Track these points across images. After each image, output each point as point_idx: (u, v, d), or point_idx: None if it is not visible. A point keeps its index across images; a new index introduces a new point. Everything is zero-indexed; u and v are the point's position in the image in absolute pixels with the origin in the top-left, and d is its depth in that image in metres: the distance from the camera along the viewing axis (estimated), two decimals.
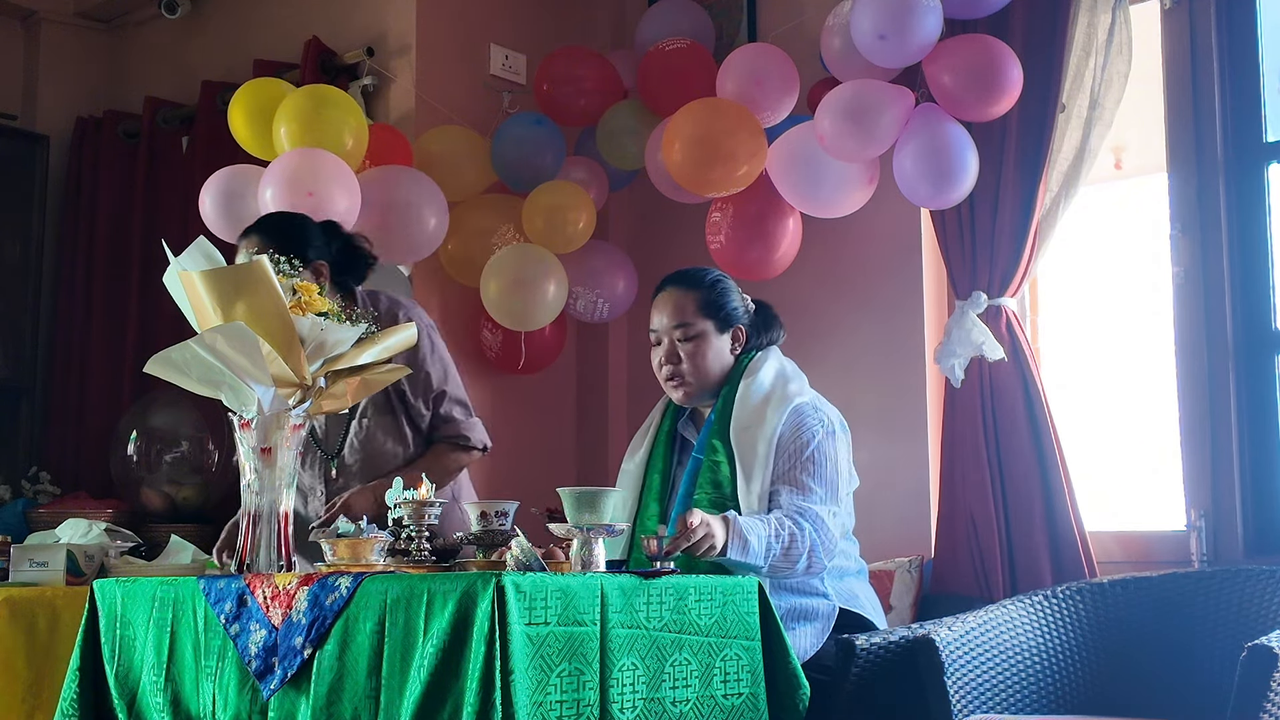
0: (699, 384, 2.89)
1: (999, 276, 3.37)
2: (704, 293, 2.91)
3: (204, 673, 2.40)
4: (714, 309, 2.90)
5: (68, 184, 4.74)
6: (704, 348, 2.88)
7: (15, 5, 4.81)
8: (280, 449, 2.50)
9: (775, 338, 2.99)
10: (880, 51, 3.24)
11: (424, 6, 4.04)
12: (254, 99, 3.61)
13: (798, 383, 2.87)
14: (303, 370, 2.49)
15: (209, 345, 2.43)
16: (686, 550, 2.38)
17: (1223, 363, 3.26)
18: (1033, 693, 2.80)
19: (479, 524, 2.60)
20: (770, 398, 2.81)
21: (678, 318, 2.90)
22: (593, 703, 2.12)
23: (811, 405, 2.82)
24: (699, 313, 2.89)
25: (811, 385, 2.92)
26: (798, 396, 2.81)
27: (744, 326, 2.93)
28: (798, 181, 3.45)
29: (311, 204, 3.30)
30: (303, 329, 2.49)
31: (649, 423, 3.05)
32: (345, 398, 2.62)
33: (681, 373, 2.90)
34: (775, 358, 2.93)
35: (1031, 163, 3.34)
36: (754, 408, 2.80)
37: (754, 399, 2.82)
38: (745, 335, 2.93)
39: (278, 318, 2.46)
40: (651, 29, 3.96)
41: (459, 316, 4.01)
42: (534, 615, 2.06)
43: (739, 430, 2.80)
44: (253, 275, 2.47)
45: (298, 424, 2.51)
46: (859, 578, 2.94)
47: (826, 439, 2.77)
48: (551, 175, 3.86)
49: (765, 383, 2.84)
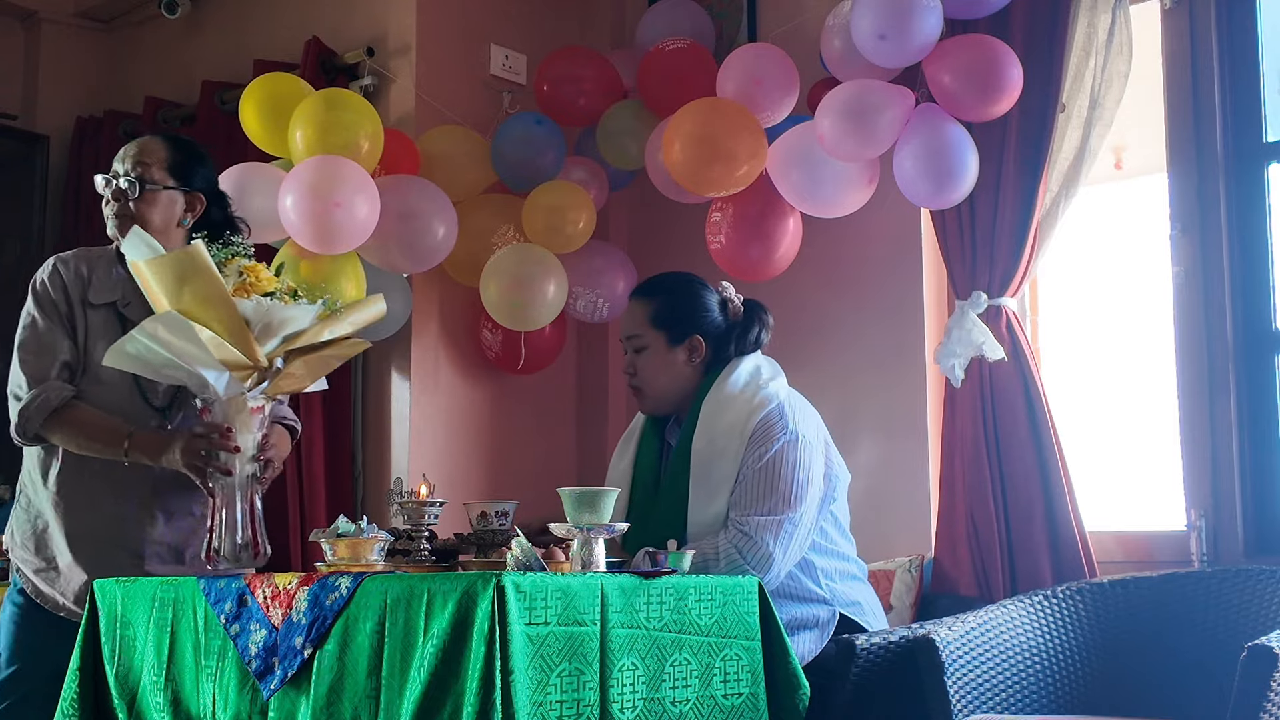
0: (653, 396, 2.86)
1: (999, 276, 3.37)
2: (658, 304, 2.86)
3: (204, 673, 2.40)
4: (666, 321, 2.84)
5: (68, 184, 4.74)
6: (653, 361, 2.84)
7: (15, 5, 4.81)
8: (240, 432, 2.51)
9: (755, 342, 2.90)
10: (880, 51, 3.24)
11: (424, 6, 4.04)
12: (265, 95, 3.61)
13: (772, 385, 2.79)
14: (253, 352, 2.48)
15: (151, 334, 2.43)
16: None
17: (1223, 363, 3.25)
18: (1033, 693, 2.80)
19: (479, 524, 2.60)
20: (738, 407, 2.74)
21: (629, 329, 2.88)
22: (593, 703, 2.12)
23: (779, 409, 2.73)
24: (649, 325, 2.85)
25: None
26: (768, 403, 2.73)
27: (705, 337, 2.85)
28: (798, 181, 3.45)
29: (339, 214, 3.32)
30: (247, 311, 2.48)
31: (633, 426, 3.03)
32: (305, 377, 2.60)
33: (637, 385, 2.88)
34: (750, 361, 2.85)
35: (1031, 163, 3.34)
36: (720, 420, 2.74)
37: (721, 411, 2.75)
38: (706, 347, 2.85)
39: (221, 303, 2.46)
40: (651, 29, 3.96)
41: (459, 316, 4.01)
42: (534, 615, 2.06)
43: (701, 445, 2.75)
44: (192, 262, 2.47)
45: (256, 406, 2.51)
46: (860, 581, 2.92)
47: (787, 448, 2.68)
48: (551, 175, 3.86)
49: (734, 392, 2.78)
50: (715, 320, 2.88)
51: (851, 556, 2.92)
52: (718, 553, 2.63)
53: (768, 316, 2.93)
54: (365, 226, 3.42)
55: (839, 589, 2.82)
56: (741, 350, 2.87)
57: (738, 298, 2.94)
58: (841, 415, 3.72)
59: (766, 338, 2.92)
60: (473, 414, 4.05)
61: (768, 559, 2.62)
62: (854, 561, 2.92)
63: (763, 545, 2.62)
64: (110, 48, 4.99)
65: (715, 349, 2.86)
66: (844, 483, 2.90)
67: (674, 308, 2.86)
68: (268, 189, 3.46)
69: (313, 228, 3.36)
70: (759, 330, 2.90)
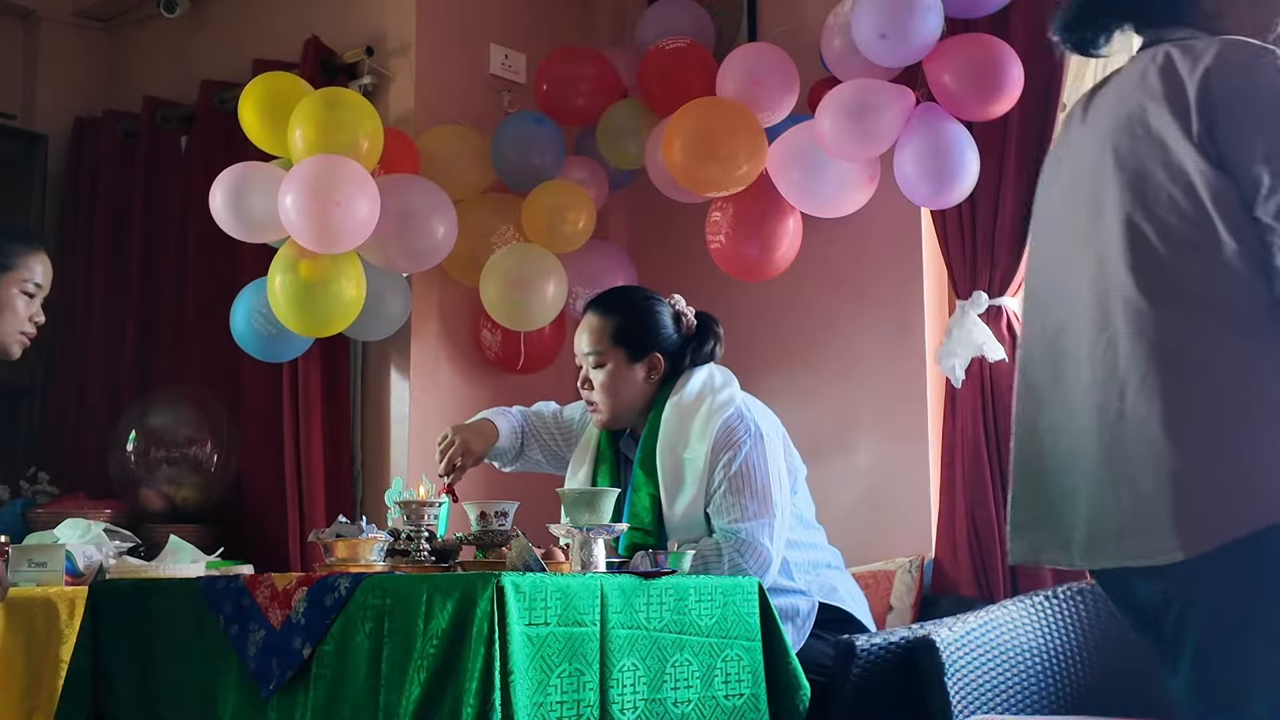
0: (611, 412, 2.86)
1: (1000, 276, 3.37)
2: (619, 320, 2.86)
3: (203, 673, 2.40)
4: (627, 338, 2.85)
5: (66, 183, 4.73)
6: (614, 377, 2.84)
7: (14, 4, 4.80)
8: None
9: (709, 355, 2.91)
10: (881, 51, 3.24)
11: (423, 6, 4.04)
12: (265, 94, 3.60)
13: (726, 391, 2.81)
14: None
15: None
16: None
17: None
18: (1033, 693, 2.79)
19: (479, 524, 2.60)
20: (696, 415, 2.76)
21: (590, 344, 2.87)
22: (593, 703, 2.11)
23: (738, 413, 2.75)
24: (610, 341, 2.85)
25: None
26: (725, 409, 2.75)
27: (663, 354, 2.86)
28: (798, 181, 3.45)
29: (339, 214, 3.31)
30: None
31: (585, 439, 3.01)
32: None
33: (594, 400, 2.88)
34: (703, 371, 2.87)
35: (1032, 162, 3.33)
36: (681, 431, 2.76)
37: (681, 422, 2.77)
38: (664, 364, 2.86)
39: None
40: (651, 28, 3.96)
41: (459, 316, 4.01)
42: (534, 616, 2.05)
43: (664, 454, 2.76)
44: None
45: None
46: (834, 568, 2.94)
47: (754, 449, 2.71)
48: (551, 175, 3.86)
49: (690, 401, 2.79)
50: (671, 336, 2.89)
51: (821, 545, 2.94)
52: (719, 552, 2.64)
53: (719, 329, 2.95)
54: (365, 226, 3.41)
55: (813, 579, 2.84)
56: (695, 363, 2.89)
57: (689, 311, 2.94)
58: (841, 415, 3.72)
59: (720, 350, 2.94)
60: (472, 414, 4.03)
61: (768, 560, 2.65)
62: (825, 549, 2.94)
63: (762, 548, 2.64)
64: (109, 47, 4.99)
65: (671, 364, 2.88)
66: (802, 475, 2.94)
67: (635, 325, 2.87)
68: (267, 188, 3.45)
69: (312, 227, 3.35)
70: (713, 344, 2.92)
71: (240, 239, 3.61)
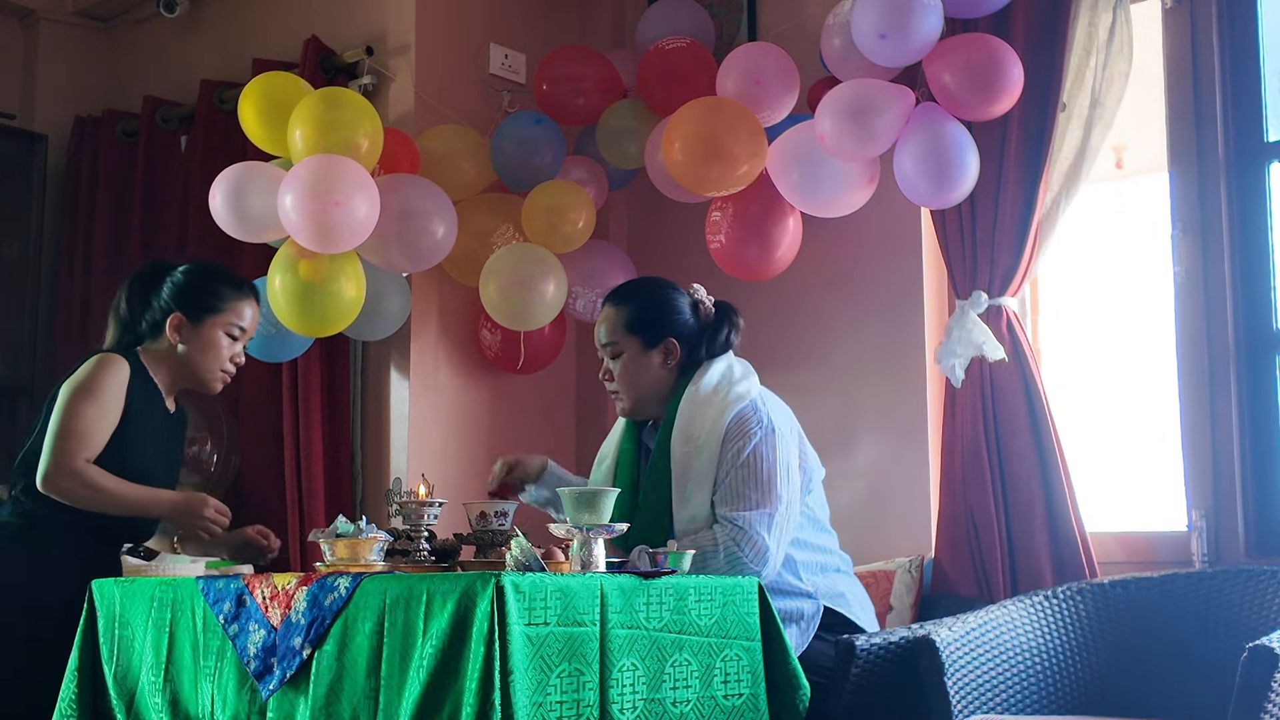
0: (633, 400, 2.91)
1: (999, 276, 3.37)
2: (632, 309, 2.91)
3: (203, 673, 2.40)
4: (641, 326, 2.89)
5: (66, 183, 4.73)
6: (630, 365, 2.89)
7: (14, 4, 4.80)
8: None
9: (725, 342, 2.93)
10: (880, 51, 3.23)
11: (423, 5, 4.03)
12: (264, 94, 3.60)
13: (744, 384, 2.84)
14: None
15: None
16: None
17: (1224, 363, 3.25)
18: (1033, 693, 2.79)
19: (479, 524, 2.60)
20: (712, 406, 2.79)
21: (606, 335, 2.92)
22: (592, 703, 2.11)
23: (752, 406, 2.77)
24: (624, 330, 2.90)
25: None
26: (741, 401, 2.77)
27: (679, 340, 2.89)
28: (798, 181, 3.45)
29: (339, 213, 3.31)
30: None
31: (613, 431, 3.07)
32: None
33: (615, 390, 2.93)
34: (722, 363, 2.89)
35: (1032, 162, 3.33)
36: (695, 421, 2.78)
37: (696, 412, 2.80)
38: (680, 350, 2.89)
39: None
40: (651, 28, 3.96)
41: (459, 316, 4.01)
42: (534, 615, 2.05)
43: (679, 446, 2.79)
44: None
45: None
46: (844, 574, 2.93)
47: (764, 440, 2.72)
48: (551, 175, 3.86)
49: (707, 392, 2.82)
50: (688, 323, 2.92)
51: (833, 549, 2.94)
52: (716, 544, 2.64)
53: (738, 318, 2.98)
54: (365, 226, 3.41)
55: (821, 582, 2.84)
56: (712, 352, 2.91)
57: (709, 299, 2.98)
58: (841, 415, 3.72)
59: (736, 339, 2.97)
60: (472, 414, 4.05)
61: (764, 551, 2.65)
62: (836, 554, 2.94)
63: (758, 538, 2.64)
64: (109, 47, 4.99)
65: (689, 351, 2.91)
66: (819, 476, 2.94)
67: (648, 312, 2.91)
68: (267, 188, 3.45)
69: (312, 227, 3.35)
70: (729, 331, 2.94)
71: (240, 239, 3.61)
